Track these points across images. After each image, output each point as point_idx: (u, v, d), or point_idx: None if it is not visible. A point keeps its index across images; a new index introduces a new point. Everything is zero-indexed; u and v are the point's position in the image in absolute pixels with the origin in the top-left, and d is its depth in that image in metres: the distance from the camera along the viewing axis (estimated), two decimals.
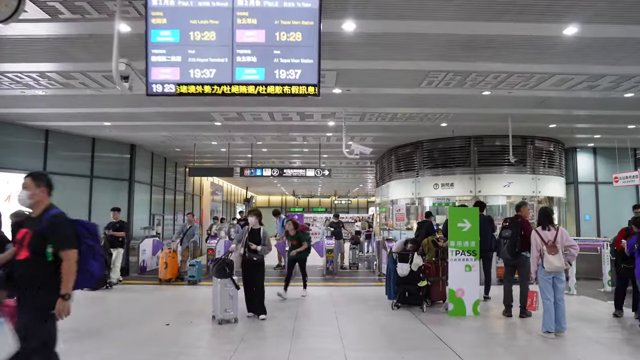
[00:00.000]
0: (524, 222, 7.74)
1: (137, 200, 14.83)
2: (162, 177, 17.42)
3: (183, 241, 11.88)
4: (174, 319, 7.26)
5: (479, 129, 12.37)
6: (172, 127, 12.06)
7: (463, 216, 8.00)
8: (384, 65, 7.20)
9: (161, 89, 4.45)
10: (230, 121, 11.14)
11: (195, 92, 4.44)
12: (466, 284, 7.83)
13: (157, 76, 4.53)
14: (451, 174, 13.40)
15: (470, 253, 7.91)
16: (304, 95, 4.51)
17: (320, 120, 11.03)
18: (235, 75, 4.45)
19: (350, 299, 9.38)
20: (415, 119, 10.93)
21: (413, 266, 8.19)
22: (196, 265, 10.91)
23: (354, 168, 21.78)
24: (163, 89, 4.45)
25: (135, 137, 13.49)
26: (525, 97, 9.00)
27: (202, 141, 13.99)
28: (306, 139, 13.49)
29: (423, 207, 14.24)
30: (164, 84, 4.44)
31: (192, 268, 10.90)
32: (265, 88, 4.47)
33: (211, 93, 4.45)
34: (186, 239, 11.92)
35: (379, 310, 8.14)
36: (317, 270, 13.90)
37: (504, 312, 7.76)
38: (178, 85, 4.49)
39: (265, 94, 4.46)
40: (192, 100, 9.20)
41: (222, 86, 4.44)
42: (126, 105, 9.74)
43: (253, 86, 4.47)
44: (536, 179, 13.09)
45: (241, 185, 32.42)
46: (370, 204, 38.31)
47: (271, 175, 13.86)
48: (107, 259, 9.99)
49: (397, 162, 15.13)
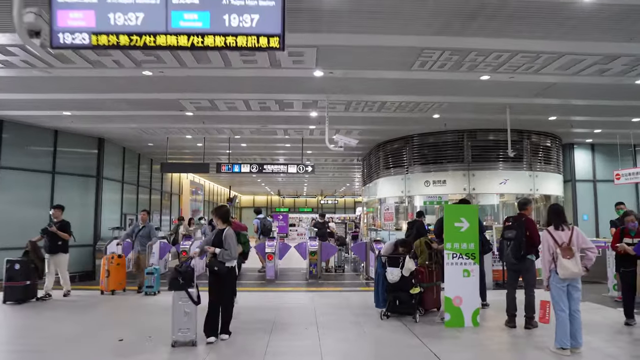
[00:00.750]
0: (528, 222, 6.88)
1: (106, 198, 13.70)
2: (135, 174, 16.27)
3: (135, 244, 10.02)
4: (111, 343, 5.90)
5: (474, 122, 11.50)
6: (140, 118, 10.99)
7: (460, 214, 7.10)
8: (372, 40, 6.25)
9: (71, 40, 3.39)
10: (202, 111, 10.11)
11: (117, 43, 3.38)
12: (464, 291, 6.94)
13: (65, 22, 3.46)
14: (443, 171, 12.52)
15: (468, 256, 7.02)
16: (264, 49, 3.45)
17: (301, 110, 10.05)
18: (171, 21, 3.40)
19: (335, 307, 8.44)
20: (405, 109, 10.01)
21: (404, 271, 7.27)
22: (154, 274, 9.36)
23: (340, 166, 20.83)
24: (73, 40, 3.39)
25: (101, 129, 12.37)
26: (526, 83, 8.14)
27: (176, 134, 12.92)
28: (288, 132, 12.50)
29: (413, 206, 13.35)
30: (74, 32, 3.38)
31: (149, 277, 9.33)
32: (213, 39, 3.41)
33: (140, 46, 3.40)
34: (138, 241, 9.96)
35: (367, 321, 7.21)
36: (300, 274, 12.95)
37: (506, 323, 6.87)
38: (94, 35, 3.43)
39: (213, 47, 3.41)
40: (156, 84, 8.19)
41: (154, 36, 3.38)
42: (83, 90, 8.66)
43: (196, 36, 3.43)
44: (533, 176, 12.28)
45: (224, 184, 31.31)
46: (358, 204, 37.46)
47: (250, 171, 12.84)
48: (38, 266, 8.73)
49: (385, 158, 14.21)
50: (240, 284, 11.42)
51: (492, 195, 12.69)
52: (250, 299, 9.17)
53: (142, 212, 10.50)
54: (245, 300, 9.04)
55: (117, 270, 9.62)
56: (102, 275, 9.56)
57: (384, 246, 8.18)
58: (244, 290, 10.37)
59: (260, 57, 6.87)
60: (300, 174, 13.25)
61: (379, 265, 7.89)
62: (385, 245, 8.17)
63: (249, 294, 9.87)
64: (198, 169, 14.81)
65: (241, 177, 26.61)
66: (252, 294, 9.89)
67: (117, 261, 9.68)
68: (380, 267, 7.76)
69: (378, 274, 7.88)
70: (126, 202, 15.25)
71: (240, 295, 9.72)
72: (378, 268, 7.92)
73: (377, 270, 7.95)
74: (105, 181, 13.72)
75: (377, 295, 7.87)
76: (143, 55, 6.76)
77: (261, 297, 9.43)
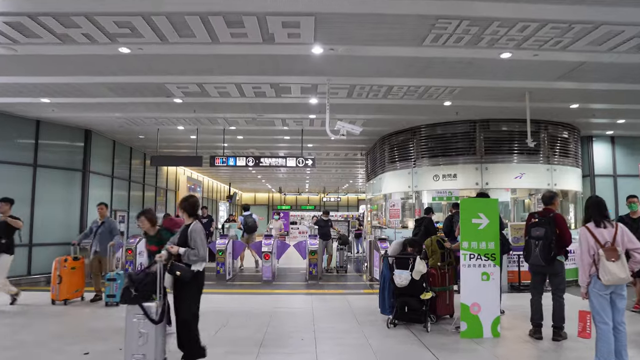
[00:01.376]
0: (558, 218, 6.01)
1: (94, 194, 12.87)
2: (126, 169, 15.45)
3: (93, 244, 8.44)
4: None
5: (488, 111, 10.59)
6: (125, 106, 10.14)
7: (479, 209, 6.23)
8: (378, 7, 5.36)
9: None
10: (191, 97, 9.25)
11: None
12: (483, 296, 6.08)
13: None
14: (453, 164, 11.63)
15: (488, 257, 6.15)
16: None
17: (300, 96, 9.17)
18: None
19: (336, 312, 7.59)
20: (414, 95, 9.12)
21: (414, 274, 6.41)
22: (117, 280, 7.92)
23: (342, 161, 19.93)
24: None
25: (86, 119, 11.52)
26: (551, 63, 7.23)
27: (167, 125, 12.07)
28: (286, 122, 11.63)
29: (421, 202, 12.45)
30: None
31: (110, 284, 7.90)
32: None
33: None
34: (97, 241, 8.41)
35: (372, 330, 6.36)
36: (299, 274, 12.11)
37: (531, 333, 6.01)
38: None
39: None
40: (136, 64, 7.34)
41: None
42: (57, 72, 7.83)
43: None
44: (551, 170, 11.36)
45: (224, 181, 30.49)
46: (361, 201, 36.60)
47: (246, 165, 11.97)
48: None
49: (390, 151, 13.32)
50: (235, 285, 10.60)
51: (506, 191, 11.78)
52: (244, 303, 8.34)
53: (98, 206, 8.68)
54: (238, 304, 8.22)
55: (72, 276, 8.11)
56: (52, 281, 7.99)
57: (390, 246, 7.31)
58: (237, 292, 9.55)
59: (251, 30, 6.01)
60: (300, 167, 12.38)
61: (385, 267, 7.03)
62: (392, 244, 7.30)
63: (244, 297, 9.03)
64: (191, 162, 13.96)
65: (241, 174, 25.77)
66: (246, 297, 9.05)
67: (73, 264, 8.18)
68: (387, 269, 6.91)
69: (384, 277, 7.03)
70: (116, 198, 14.43)
71: (233, 298, 8.90)
72: (384, 270, 7.07)
73: (383, 273, 7.10)
74: (93, 176, 12.90)
75: (382, 300, 7.02)
76: (116, 27, 5.91)
77: (256, 301, 8.58)
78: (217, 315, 7.19)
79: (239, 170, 22.88)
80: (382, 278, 7.13)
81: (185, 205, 4.86)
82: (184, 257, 4.57)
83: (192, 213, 4.87)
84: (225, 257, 11.13)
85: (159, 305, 4.46)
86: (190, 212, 4.85)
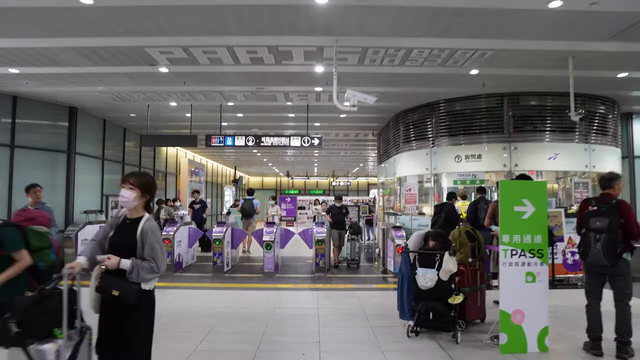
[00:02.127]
0: (623, 206, 4.79)
1: (82, 177, 11.81)
2: (119, 150, 14.35)
3: None
4: None
5: (520, 82, 9.22)
6: (107, 78, 8.96)
7: (523, 194, 5.00)
8: None
9: None
10: (178, 65, 8.04)
11: None
12: (528, 302, 4.90)
13: None
14: (477, 143, 10.32)
15: (534, 254, 4.95)
16: None
17: (303, 63, 7.91)
18: None
19: (345, 314, 6.47)
20: (437, 61, 7.82)
21: (442, 274, 5.22)
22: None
23: (352, 142, 18.62)
24: None
25: (68, 95, 10.38)
26: (609, 15, 5.91)
27: (157, 101, 10.89)
28: (290, 97, 10.38)
29: (440, 186, 11.21)
30: None
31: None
32: None
33: None
34: None
35: (389, 341, 5.22)
36: (305, 266, 11.00)
37: (589, 348, 4.82)
38: None
39: None
40: (106, 20, 6.12)
41: None
42: (15, 34, 6.66)
43: None
44: (589, 150, 10.02)
45: (229, 165, 29.37)
46: (372, 185, 35.34)
47: (246, 144, 10.75)
48: None
49: (406, 130, 12.03)
50: (232, 278, 9.51)
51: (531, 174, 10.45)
52: (240, 301, 7.27)
53: (32, 188, 6.87)
54: (232, 303, 7.13)
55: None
56: None
57: (411, 238, 6.10)
58: (234, 287, 8.45)
59: None
60: (306, 148, 11.15)
61: (404, 264, 5.84)
62: (413, 237, 6.09)
63: (240, 293, 7.93)
64: (185, 142, 12.79)
65: (246, 157, 24.58)
66: (243, 293, 7.95)
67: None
68: (407, 266, 5.73)
69: (403, 275, 5.86)
70: (108, 182, 13.35)
71: (228, 295, 7.80)
72: (403, 267, 5.88)
73: (402, 269, 5.91)
74: (80, 157, 11.81)
75: (401, 302, 5.86)
76: None
77: (254, 298, 7.49)
78: (205, 318, 6.12)
79: (243, 152, 21.67)
80: (400, 276, 5.95)
81: (136, 180, 3.12)
82: (131, 275, 2.90)
83: (146, 198, 3.17)
84: (223, 247, 10.02)
85: (63, 347, 2.81)
86: (146, 195, 3.16)
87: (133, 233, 3.04)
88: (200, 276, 9.71)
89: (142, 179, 3.15)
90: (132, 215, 3.15)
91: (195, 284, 8.71)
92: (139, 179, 3.14)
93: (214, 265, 9.94)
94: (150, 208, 3.28)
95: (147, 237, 3.02)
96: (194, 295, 7.69)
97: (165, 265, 3.10)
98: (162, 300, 7.47)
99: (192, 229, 11.35)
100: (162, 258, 3.03)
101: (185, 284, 8.72)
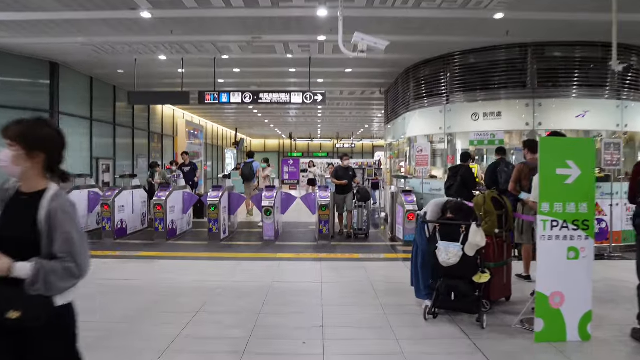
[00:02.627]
0: None
1: (67, 140, 10.98)
2: (110, 111, 13.47)
3: None
4: None
5: (549, 28, 8.16)
6: (85, 27, 8.00)
7: (567, 155, 4.15)
8: None
9: None
10: (162, 9, 7.05)
11: None
12: (569, 283, 4.13)
13: None
14: (496, 99, 9.37)
15: (578, 226, 4.14)
16: None
17: (304, 5, 6.91)
18: None
19: (352, 290, 5.77)
20: (456, 3, 6.81)
21: (468, 248, 4.44)
22: None
23: (358, 101, 17.59)
24: None
25: (46, 48, 9.43)
26: None
27: (145, 55, 9.92)
28: (290, 48, 9.38)
29: (454, 147, 10.32)
30: None
31: None
32: None
33: None
34: None
35: (402, 324, 4.52)
36: (308, 232, 10.29)
37: (638, 336, 4.09)
38: None
39: None
40: None
41: None
42: None
43: None
44: (622, 107, 9.03)
45: (229, 126, 28.41)
46: (377, 148, 34.42)
47: (242, 101, 9.84)
48: None
49: (417, 85, 11.04)
50: (229, 246, 8.82)
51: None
52: (236, 273, 6.61)
53: None
54: (227, 275, 6.46)
55: None
56: None
57: (428, 206, 5.27)
58: (230, 257, 7.76)
59: None
60: (309, 105, 10.22)
61: (419, 235, 5.05)
62: (430, 205, 5.24)
63: (237, 263, 7.25)
64: (176, 100, 11.82)
65: (247, 117, 23.61)
66: (240, 263, 7.26)
67: None
68: (424, 238, 4.94)
69: (417, 247, 5.09)
70: (98, 145, 12.55)
71: (224, 266, 7.11)
72: (418, 239, 5.09)
73: (417, 242, 5.14)
74: (65, 118, 10.99)
75: (416, 278, 5.11)
76: None
77: (251, 270, 6.81)
78: (196, 293, 5.46)
79: (243, 113, 20.69)
80: (415, 248, 5.18)
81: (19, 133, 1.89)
82: (36, 285, 1.74)
83: (53, 164, 1.98)
84: (219, 213, 9.27)
85: None
86: (50, 162, 1.97)
87: (31, 216, 1.85)
88: (195, 244, 9.02)
89: (23, 129, 1.91)
90: (29, 187, 1.94)
91: (188, 254, 8.03)
92: (18, 128, 1.91)
93: (209, 233, 9.23)
94: (63, 173, 2.02)
95: (56, 222, 1.84)
96: (185, 267, 7.04)
97: (89, 261, 1.90)
98: (150, 272, 6.85)
99: (186, 193, 10.60)
100: (85, 251, 1.88)
101: (177, 253, 8.05)
